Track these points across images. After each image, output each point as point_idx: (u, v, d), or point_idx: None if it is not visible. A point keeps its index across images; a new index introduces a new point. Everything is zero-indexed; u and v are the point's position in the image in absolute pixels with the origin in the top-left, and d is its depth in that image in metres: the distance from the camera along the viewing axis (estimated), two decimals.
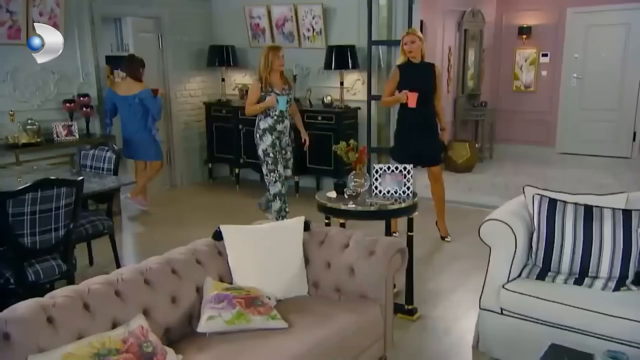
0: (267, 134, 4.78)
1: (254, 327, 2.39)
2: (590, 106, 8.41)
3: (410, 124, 4.65)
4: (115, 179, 3.91)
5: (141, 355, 2.07)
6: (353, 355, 2.55)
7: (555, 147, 8.82)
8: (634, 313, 2.56)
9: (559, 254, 2.93)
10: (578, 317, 2.67)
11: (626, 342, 2.53)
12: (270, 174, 4.89)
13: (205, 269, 2.63)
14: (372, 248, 2.78)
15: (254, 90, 4.77)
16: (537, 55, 8.74)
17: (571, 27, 8.31)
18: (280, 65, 4.71)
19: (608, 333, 2.59)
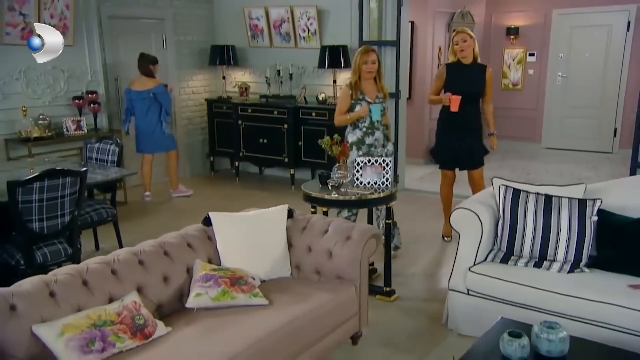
0: (354, 149, 3.94)
1: (237, 303, 2.54)
2: (574, 104, 8.50)
3: (452, 126, 4.41)
4: (118, 170, 4.07)
5: (133, 326, 2.24)
6: (329, 330, 2.70)
7: (541, 142, 8.91)
8: (585, 292, 2.71)
9: (521, 240, 3.08)
10: (536, 297, 2.82)
11: (576, 318, 2.68)
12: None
13: (195, 252, 2.79)
14: (349, 233, 2.92)
15: (343, 98, 4.00)
16: (524, 55, 8.80)
17: (556, 28, 8.38)
18: (368, 71, 3.89)
19: (561, 310, 2.74)
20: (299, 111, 6.38)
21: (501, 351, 1.97)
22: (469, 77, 4.29)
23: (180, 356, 2.16)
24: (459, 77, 4.31)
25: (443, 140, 4.53)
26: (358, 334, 3.01)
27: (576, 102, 8.47)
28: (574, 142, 8.57)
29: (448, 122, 4.43)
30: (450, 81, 4.35)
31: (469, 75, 4.30)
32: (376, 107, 3.91)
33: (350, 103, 3.94)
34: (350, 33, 6.14)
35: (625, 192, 3.11)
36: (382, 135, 4.03)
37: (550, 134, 8.83)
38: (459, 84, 4.28)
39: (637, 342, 2.47)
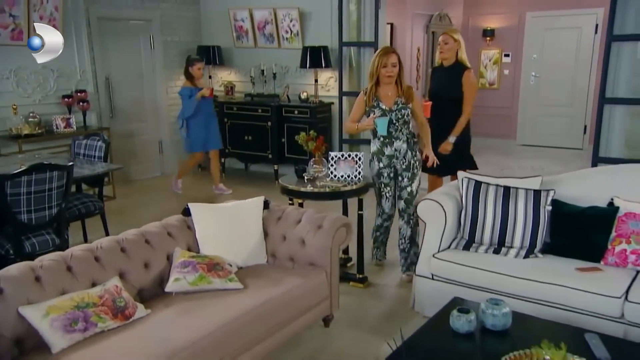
0: (375, 161, 3.67)
1: (214, 287, 2.66)
2: (547, 102, 8.69)
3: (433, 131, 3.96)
4: (104, 165, 4.16)
5: (114, 308, 2.34)
6: (301, 312, 2.82)
7: (516, 139, 9.09)
8: (538, 276, 2.84)
9: (481, 228, 3.22)
10: (494, 280, 2.95)
11: (530, 299, 2.82)
12: (377, 206, 3.83)
13: (176, 240, 2.89)
14: (320, 223, 3.04)
15: (357, 104, 3.65)
16: (500, 56, 8.98)
17: (530, 30, 8.56)
18: (388, 75, 3.46)
19: (516, 292, 2.87)
20: (282, 109, 6.49)
21: (451, 326, 2.11)
22: (446, 80, 4.07)
23: (159, 335, 2.26)
24: (438, 80, 4.16)
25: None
26: (330, 317, 3.13)
27: (549, 101, 8.66)
28: (547, 139, 8.76)
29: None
30: (432, 85, 4.22)
31: (446, 79, 4.08)
32: (382, 121, 3.46)
33: (365, 110, 3.60)
34: (331, 34, 6.25)
35: (577, 184, 3.26)
36: (407, 145, 3.60)
37: (525, 131, 9.02)
38: (437, 88, 4.12)
39: (582, 319, 2.61)
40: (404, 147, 3.60)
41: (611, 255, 2.90)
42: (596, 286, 2.68)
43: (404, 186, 3.69)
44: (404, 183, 3.69)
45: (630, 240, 2.86)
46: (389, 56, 3.45)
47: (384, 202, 3.75)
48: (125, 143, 6.58)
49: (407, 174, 3.67)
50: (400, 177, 3.69)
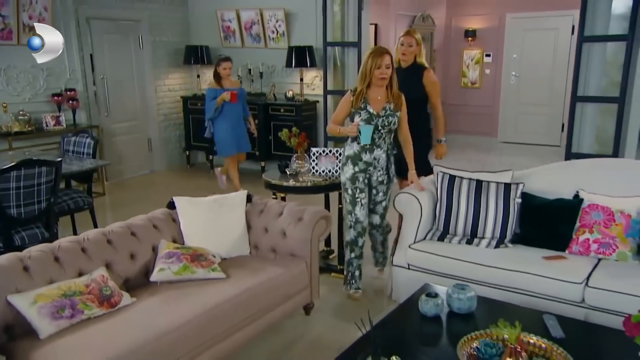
0: (349, 164, 3.32)
1: (197, 277, 2.73)
2: (527, 100, 8.84)
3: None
4: (93, 161, 4.21)
5: (101, 296, 2.41)
6: (282, 300, 2.90)
7: (497, 137, 9.24)
8: (507, 264, 2.95)
9: (455, 220, 3.32)
10: (466, 269, 3.04)
11: (499, 286, 2.91)
12: (347, 215, 3.42)
13: (161, 233, 2.96)
14: (301, 215, 3.13)
15: (342, 104, 3.34)
16: (481, 56, 9.11)
17: (510, 31, 8.70)
18: (381, 77, 3.17)
19: (487, 280, 2.97)
20: (268, 107, 6.56)
21: (419, 310, 2.20)
22: (405, 81, 3.69)
23: (144, 321, 2.33)
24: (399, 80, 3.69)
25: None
26: (310, 305, 3.22)
27: (528, 100, 8.81)
28: (526, 137, 8.92)
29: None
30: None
31: (405, 80, 3.71)
32: (367, 129, 3.17)
33: (351, 112, 3.30)
34: (316, 34, 6.33)
35: (546, 178, 3.37)
36: (385, 155, 3.33)
37: (506, 129, 9.16)
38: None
39: (547, 304, 2.72)
40: (383, 158, 3.33)
41: (575, 245, 3.02)
42: (560, 273, 2.79)
43: (379, 201, 3.44)
44: (379, 197, 3.43)
45: (592, 230, 2.98)
46: (384, 57, 3.17)
47: (359, 209, 3.35)
48: (115, 141, 6.62)
49: (382, 187, 3.42)
50: (375, 191, 3.41)
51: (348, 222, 3.43)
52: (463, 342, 1.88)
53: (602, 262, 2.90)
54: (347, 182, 3.36)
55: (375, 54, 3.19)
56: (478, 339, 1.90)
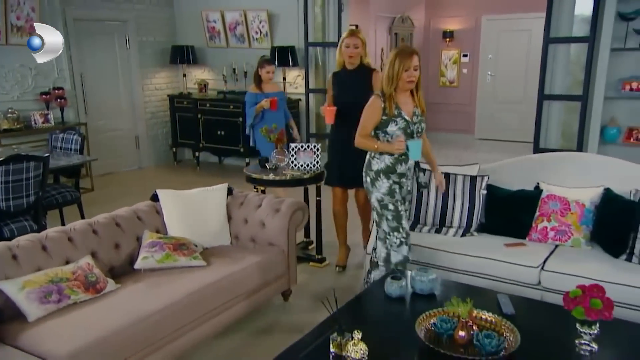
0: (382, 178, 2.91)
1: (179, 265, 2.82)
2: (502, 99, 9.02)
3: (336, 141, 3.71)
4: (80, 157, 4.27)
5: (86, 282, 2.50)
6: (260, 286, 3.00)
7: (475, 134, 9.41)
8: (472, 251, 3.08)
9: (425, 210, 3.45)
10: (435, 256, 3.17)
11: (466, 272, 3.05)
12: (392, 233, 2.93)
13: (144, 224, 3.05)
14: (278, 207, 3.24)
15: (372, 112, 2.87)
16: (458, 56, 9.27)
17: (486, 32, 8.86)
18: (410, 80, 2.81)
19: (454, 266, 3.10)
20: None
21: (385, 291, 2.33)
22: (354, 84, 3.57)
23: (128, 304, 2.42)
24: (344, 85, 3.60)
25: (331, 158, 3.81)
26: (288, 292, 3.34)
27: (503, 98, 8.99)
28: (502, 134, 9.10)
29: (333, 138, 3.79)
30: (336, 91, 3.64)
31: (354, 83, 3.57)
32: (416, 144, 2.81)
33: (382, 120, 2.84)
34: (298, 35, 6.42)
35: (509, 170, 3.52)
36: (414, 163, 3.01)
37: (482, 126, 9.34)
38: (344, 94, 3.57)
39: (508, 287, 2.85)
40: (412, 165, 2.99)
41: (535, 232, 3.17)
42: (519, 259, 2.93)
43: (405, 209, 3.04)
44: (405, 207, 3.03)
45: (550, 218, 3.13)
46: (412, 58, 2.78)
47: (407, 223, 2.96)
48: (103, 138, 6.65)
49: (409, 197, 3.11)
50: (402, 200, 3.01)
51: (396, 240, 2.92)
52: (422, 318, 2.01)
53: (558, 248, 3.05)
54: (384, 197, 2.90)
55: (402, 55, 2.79)
56: (436, 315, 2.02)
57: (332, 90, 3.72)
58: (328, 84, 3.76)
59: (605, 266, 2.76)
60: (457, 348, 1.85)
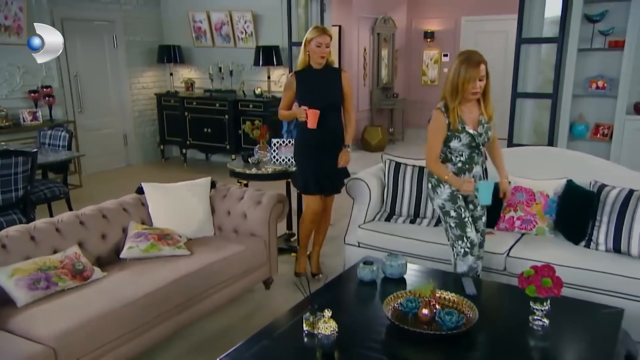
0: (443, 186, 2.72)
1: (163, 254, 2.90)
2: None
3: (308, 146, 3.41)
4: (68, 152, 4.32)
5: (74, 270, 2.57)
6: (242, 274, 3.10)
7: None
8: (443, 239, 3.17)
9: (400, 202, 3.57)
10: (409, 245, 3.29)
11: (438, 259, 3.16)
12: (457, 242, 2.72)
13: (130, 215, 3.12)
14: (260, 199, 3.33)
15: (438, 130, 2.64)
16: (439, 55, 9.41)
17: (465, 33, 9.02)
18: (474, 92, 2.56)
19: (427, 254, 3.22)
20: (238, 104, 6.72)
21: (357, 276, 2.43)
22: (324, 84, 3.31)
23: (114, 291, 2.49)
24: (312, 86, 3.28)
25: (301, 161, 3.49)
26: (270, 280, 3.43)
27: None
28: None
29: (306, 142, 3.41)
30: (302, 92, 3.31)
31: (324, 83, 3.32)
32: (486, 186, 2.56)
33: (447, 135, 2.63)
34: (282, 35, 6.50)
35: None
36: (481, 169, 2.76)
37: None
38: (313, 95, 3.27)
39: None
40: (479, 172, 2.75)
41: (503, 222, 3.30)
42: (487, 246, 3.06)
43: (479, 215, 2.83)
44: (478, 212, 2.83)
45: (517, 208, 3.27)
46: (479, 68, 2.49)
47: (471, 230, 2.70)
48: (92, 136, 6.67)
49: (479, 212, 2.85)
50: (472, 205, 2.81)
51: (460, 250, 2.70)
52: (389, 299, 2.11)
53: (524, 236, 3.19)
54: (445, 203, 2.70)
55: (469, 65, 2.49)
56: (403, 297, 2.13)
57: (292, 90, 3.35)
58: (288, 84, 3.37)
59: (565, 252, 2.90)
60: (421, 325, 1.96)
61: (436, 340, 1.88)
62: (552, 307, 2.02)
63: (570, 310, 2.15)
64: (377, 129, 8.23)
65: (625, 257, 2.83)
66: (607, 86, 4.75)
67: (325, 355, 1.84)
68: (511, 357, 1.85)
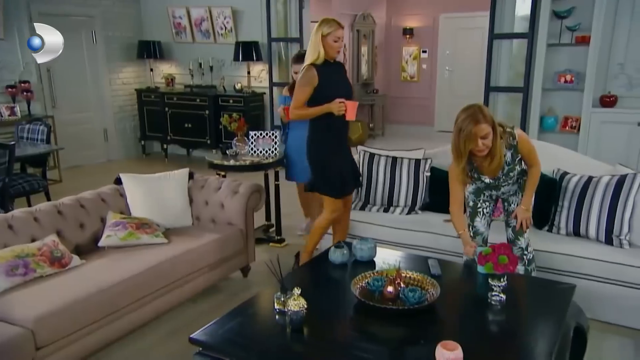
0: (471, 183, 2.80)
1: (142, 242, 2.97)
2: (459, 93, 9.34)
3: (334, 142, 3.17)
4: (46, 146, 4.33)
5: (52, 258, 2.62)
6: (220, 261, 3.17)
7: (434, 126, 9.74)
8: (415, 226, 3.35)
9: (374, 191, 3.68)
10: (383, 232, 3.42)
11: (410, 246, 3.30)
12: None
13: (109, 205, 3.18)
14: (237, 189, 3.41)
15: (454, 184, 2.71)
16: (418, 52, 9.57)
17: (443, 30, 9.18)
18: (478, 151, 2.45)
19: (400, 240, 3.36)
20: (218, 99, 6.77)
21: (329, 259, 2.54)
22: (340, 78, 3.24)
23: (92, 277, 2.55)
24: (330, 79, 3.11)
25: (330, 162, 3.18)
26: (247, 268, 3.52)
27: (460, 92, 9.32)
28: None
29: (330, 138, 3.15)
30: (324, 86, 3.07)
31: (340, 77, 3.24)
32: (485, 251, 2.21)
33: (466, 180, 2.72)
34: (261, 30, 6.56)
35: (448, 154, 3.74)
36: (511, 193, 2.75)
37: (442, 118, 9.67)
38: (335, 88, 3.10)
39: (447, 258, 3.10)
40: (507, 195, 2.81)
41: None
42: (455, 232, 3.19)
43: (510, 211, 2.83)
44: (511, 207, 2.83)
45: None
46: (479, 128, 2.33)
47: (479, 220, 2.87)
48: (71, 131, 6.66)
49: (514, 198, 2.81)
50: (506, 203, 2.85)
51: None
52: (357, 279, 2.22)
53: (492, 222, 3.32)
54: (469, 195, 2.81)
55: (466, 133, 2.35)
56: (370, 277, 2.24)
57: (312, 85, 3.06)
58: (309, 79, 3.05)
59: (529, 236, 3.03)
60: (386, 301, 2.06)
61: (400, 315, 1.99)
62: (511, 284, 2.15)
63: (527, 287, 2.28)
64: (357, 124, 8.34)
65: (584, 239, 2.99)
66: (575, 80, 4.93)
67: (294, 331, 1.93)
68: (470, 330, 1.96)
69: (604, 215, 2.92)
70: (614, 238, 2.89)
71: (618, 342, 2.68)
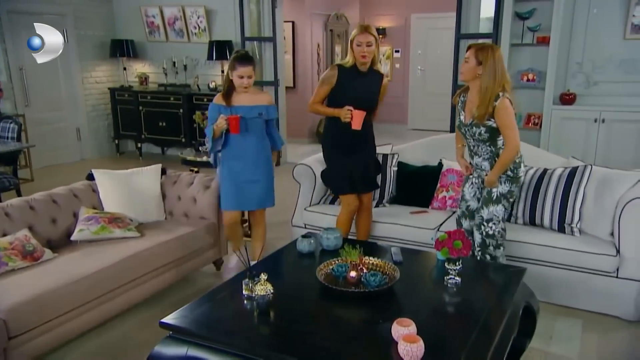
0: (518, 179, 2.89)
1: (114, 236, 3.02)
2: (431, 91, 9.59)
3: (342, 145, 3.26)
4: (17, 144, 4.32)
5: (24, 251, 2.66)
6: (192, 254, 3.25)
7: (408, 124, 9.95)
8: (383, 219, 3.47)
9: None
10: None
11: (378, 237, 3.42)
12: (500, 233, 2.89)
13: (81, 201, 3.22)
14: (209, 184, 3.49)
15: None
16: (391, 51, 9.76)
17: (415, 30, 9.39)
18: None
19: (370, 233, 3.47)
20: (192, 97, 6.81)
21: (297, 248, 2.64)
22: (364, 88, 3.13)
23: (64, 270, 2.60)
24: (355, 86, 3.08)
25: (334, 162, 3.34)
26: (220, 261, 3.60)
27: (432, 90, 9.56)
28: (432, 123, 9.63)
29: (336, 142, 3.28)
30: (342, 89, 3.09)
31: (365, 85, 3.14)
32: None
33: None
34: (235, 30, 6.63)
35: (417, 149, 3.95)
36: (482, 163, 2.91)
37: (414, 117, 9.89)
38: (354, 94, 3.08)
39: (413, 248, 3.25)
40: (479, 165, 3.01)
41: (436, 201, 3.59)
42: (421, 223, 3.35)
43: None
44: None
45: (448, 189, 3.56)
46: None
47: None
48: (43, 130, 6.60)
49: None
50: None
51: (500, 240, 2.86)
52: (322, 266, 2.33)
53: (455, 214, 3.47)
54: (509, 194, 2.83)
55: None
56: (335, 264, 2.35)
57: (330, 84, 3.10)
58: (327, 78, 3.11)
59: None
60: (349, 285, 2.18)
61: (362, 298, 2.11)
62: (467, 269, 2.29)
63: (481, 271, 2.43)
64: None
65: (539, 228, 3.17)
66: (537, 78, 5.16)
67: (261, 314, 2.03)
68: (427, 310, 2.09)
69: (557, 205, 3.10)
70: (565, 226, 3.07)
71: (568, 322, 2.86)
